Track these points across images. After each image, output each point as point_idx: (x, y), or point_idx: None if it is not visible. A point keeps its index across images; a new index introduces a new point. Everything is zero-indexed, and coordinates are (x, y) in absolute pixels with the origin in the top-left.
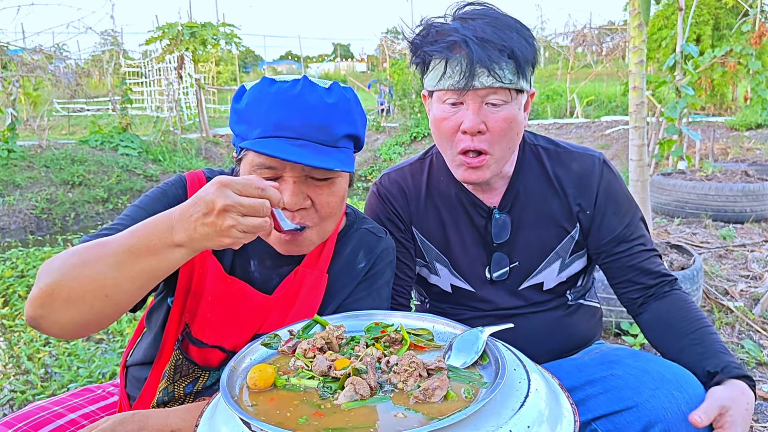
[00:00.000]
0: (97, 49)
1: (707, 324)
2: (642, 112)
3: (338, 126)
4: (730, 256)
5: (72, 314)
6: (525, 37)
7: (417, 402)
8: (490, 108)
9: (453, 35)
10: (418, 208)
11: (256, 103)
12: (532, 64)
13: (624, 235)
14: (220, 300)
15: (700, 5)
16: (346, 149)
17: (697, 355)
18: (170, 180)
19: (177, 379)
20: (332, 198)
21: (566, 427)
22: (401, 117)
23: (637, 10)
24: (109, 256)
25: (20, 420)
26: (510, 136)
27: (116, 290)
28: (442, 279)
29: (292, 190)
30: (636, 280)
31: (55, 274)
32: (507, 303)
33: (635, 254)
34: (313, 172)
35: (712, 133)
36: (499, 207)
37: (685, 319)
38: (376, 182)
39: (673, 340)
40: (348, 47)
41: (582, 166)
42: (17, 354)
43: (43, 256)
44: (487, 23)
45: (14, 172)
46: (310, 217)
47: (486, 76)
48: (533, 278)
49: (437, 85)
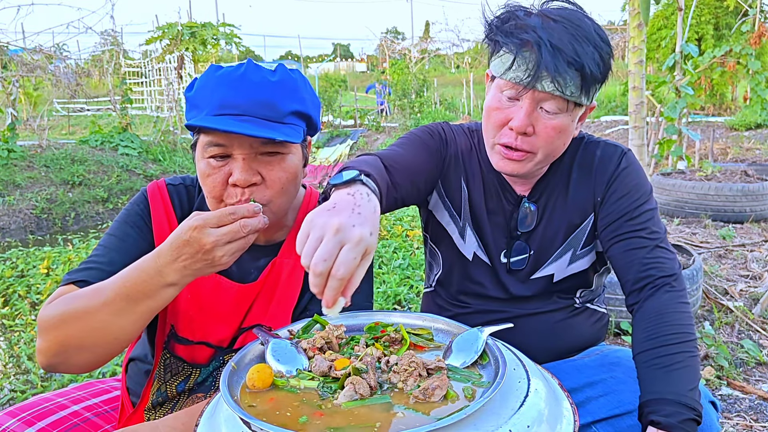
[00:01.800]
0: (97, 49)
1: (684, 345)
2: (642, 112)
3: (283, 102)
4: (729, 256)
5: (87, 357)
6: (602, 53)
7: (417, 401)
8: (544, 113)
9: (529, 33)
10: (471, 166)
11: (203, 87)
12: (600, 82)
13: (629, 218)
14: (198, 296)
15: (701, 5)
16: (294, 126)
17: (647, 379)
18: (133, 198)
19: (168, 378)
20: (282, 174)
21: (566, 426)
22: (401, 117)
23: (636, 10)
24: (109, 305)
25: (24, 410)
26: (555, 144)
27: (122, 332)
28: (466, 245)
29: (241, 166)
30: (634, 269)
31: (61, 327)
32: (517, 291)
33: (637, 240)
34: (261, 147)
35: (711, 133)
36: (529, 196)
37: (665, 333)
38: (440, 122)
39: (639, 347)
40: (348, 47)
41: (603, 154)
42: (17, 354)
43: (43, 256)
44: (566, 30)
45: (14, 172)
46: (262, 193)
47: (549, 81)
48: (545, 268)
49: (500, 74)
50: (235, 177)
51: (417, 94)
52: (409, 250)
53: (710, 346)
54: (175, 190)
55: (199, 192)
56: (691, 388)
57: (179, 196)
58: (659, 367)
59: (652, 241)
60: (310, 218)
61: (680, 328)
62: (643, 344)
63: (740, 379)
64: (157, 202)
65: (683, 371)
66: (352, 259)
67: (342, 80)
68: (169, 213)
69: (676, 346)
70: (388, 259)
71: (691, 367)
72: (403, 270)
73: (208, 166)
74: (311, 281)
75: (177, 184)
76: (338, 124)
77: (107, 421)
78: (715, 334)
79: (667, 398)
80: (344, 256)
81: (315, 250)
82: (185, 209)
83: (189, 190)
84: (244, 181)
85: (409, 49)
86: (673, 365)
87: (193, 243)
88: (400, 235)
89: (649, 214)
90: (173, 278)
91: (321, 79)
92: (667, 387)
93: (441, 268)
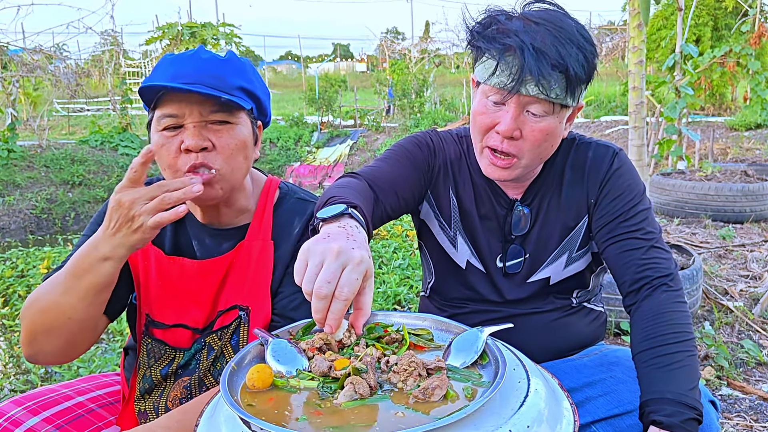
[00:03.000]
0: (97, 49)
1: (683, 346)
2: (641, 112)
3: (231, 77)
4: (729, 256)
5: (54, 342)
6: (585, 53)
7: (417, 401)
8: (530, 116)
9: (511, 37)
10: (460, 173)
11: (158, 67)
12: (585, 83)
13: (623, 219)
14: (166, 281)
15: (700, 6)
16: (241, 99)
17: (646, 379)
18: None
19: (152, 364)
20: (231, 140)
21: (566, 426)
22: (401, 117)
23: (636, 10)
24: (59, 285)
25: (29, 399)
26: (543, 147)
27: (74, 311)
28: (458, 254)
29: (192, 132)
30: (631, 270)
31: (26, 314)
32: (513, 294)
33: (632, 241)
34: (210, 116)
35: (711, 133)
36: (521, 200)
37: (661, 333)
38: (429, 130)
39: (638, 347)
40: (348, 47)
41: (595, 155)
42: (17, 354)
43: (43, 256)
44: (549, 32)
45: (14, 172)
46: (213, 158)
47: (533, 85)
48: (541, 271)
49: (485, 80)
50: (187, 143)
51: (417, 94)
52: (409, 250)
53: (710, 346)
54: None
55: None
56: (692, 387)
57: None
58: (659, 367)
59: (648, 242)
60: (306, 247)
61: (679, 327)
62: (642, 344)
63: (740, 380)
64: None
65: (683, 370)
66: (354, 280)
67: (342, 80)
68: None
69: (675, 346)
70: (388, 259)
71: (691, 366)
72: (403, 270)
73: (161, 137)
74: (314, 307)
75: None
76: (338, 124)
77: (111, 412)
78: (715, 334)
79: (668, 398)
80: (347, 277)
81: (317, 276)
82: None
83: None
84: (195, 145)
85: (409, 49)
86: (673, 365)
87: (115, 206)
88: (400, 235)
89: (644, 214)
90: (105, 250)
91: (321, 79)
92: (667, 386)
93: (434, 277)
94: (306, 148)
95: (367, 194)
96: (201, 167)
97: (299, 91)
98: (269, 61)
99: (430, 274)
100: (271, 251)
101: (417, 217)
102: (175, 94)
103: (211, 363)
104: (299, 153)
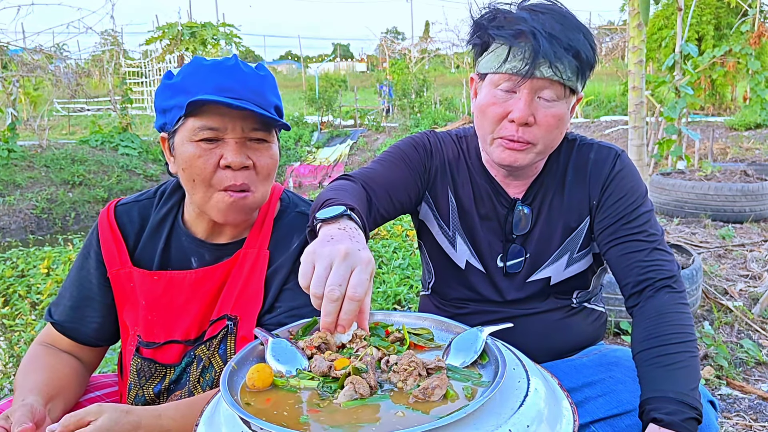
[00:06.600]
0: (97, 49)
1: (684, 346)
2: (641, 112)
3: (269, 95)
4: (729, 256)
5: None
6: (590, 41)
7: (416, 401)
8: (542, 102)
9: (521, 24)
10: (459, 174)
11: (194, 73)
12: (592, 68)
13: (626, 221)
14: (152, 299)
15: (701, 5)
16: (279, 118)
17: (647, 379)
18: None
19: (143, 383)
20: (270, 160)
21: (565, 426)
22: (401, 117)
23: (636, 10)
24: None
25: None
26: (555, 134)
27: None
28: (458, 254)
29: (234, 149)
30: (634, 272)
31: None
32: (513, 294)
33: (635, 243)
34: (251, 133)
35: (711, 132)
36: (522, 199)
37: (662, 333)
38: (427, 131)
39: (640, 347)
40: (348, 47)
41: (597, 156)
42: (17, 354)
43: (43, 256)
44: (555, 20)
45: (14, 172)
46: (252, 178)
47: (547, 67)
48: (542, 271)
49: (495, 69)
50: (229, 159)
51: (417, 94)
52: (409, 250)
53: (710, 346)
54: (125, 210)
55: (160, 199)
56: (693, 387)
57: (129, 215)
58: (660, 366)
59: (650, 244)
60: (311, 250)
61: (681, 328)
62: (644, 343)
63: (740, 379)
64: (104, 227)
65: (685, 370)
66: (365, 280)
67: (342, 80)
68: (116, 235)
69: (676, 346)
70: (388, 258)
71: (693, 367)
72: (402, 270)
73: (198, 148)
74: (325, 309)
75: (129, 202)
76: (338, 124)
77: None
78: (715, 334)
79: (669, 396)
80: (357, 278)
81: (326, 279)
82: (137, 225)
83: (144, 204)
84: (238, 163)
85: (409, 49)
86: (675, 364)
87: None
88: (400, 234)
89: (646, 216)
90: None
91: (321, 79)
92: (669, 385)
93: (434, 276)
94: (306, 148)
95: (361, 197)
96: (242, 190)
97: (299, 91)
98: (269, 61)
99: (430, 275)
100: (266, 261)
101: (416, 218)
102: (218, 106)
103: (199, 374)
104: (299, 153)
